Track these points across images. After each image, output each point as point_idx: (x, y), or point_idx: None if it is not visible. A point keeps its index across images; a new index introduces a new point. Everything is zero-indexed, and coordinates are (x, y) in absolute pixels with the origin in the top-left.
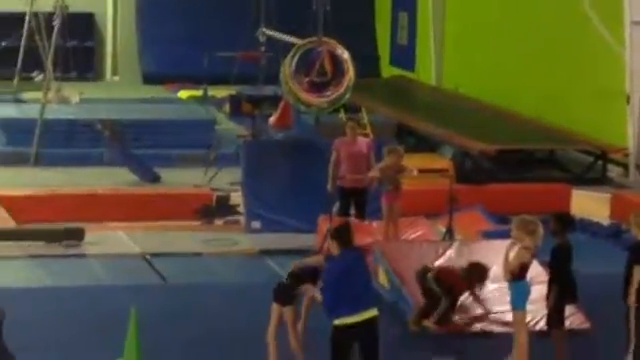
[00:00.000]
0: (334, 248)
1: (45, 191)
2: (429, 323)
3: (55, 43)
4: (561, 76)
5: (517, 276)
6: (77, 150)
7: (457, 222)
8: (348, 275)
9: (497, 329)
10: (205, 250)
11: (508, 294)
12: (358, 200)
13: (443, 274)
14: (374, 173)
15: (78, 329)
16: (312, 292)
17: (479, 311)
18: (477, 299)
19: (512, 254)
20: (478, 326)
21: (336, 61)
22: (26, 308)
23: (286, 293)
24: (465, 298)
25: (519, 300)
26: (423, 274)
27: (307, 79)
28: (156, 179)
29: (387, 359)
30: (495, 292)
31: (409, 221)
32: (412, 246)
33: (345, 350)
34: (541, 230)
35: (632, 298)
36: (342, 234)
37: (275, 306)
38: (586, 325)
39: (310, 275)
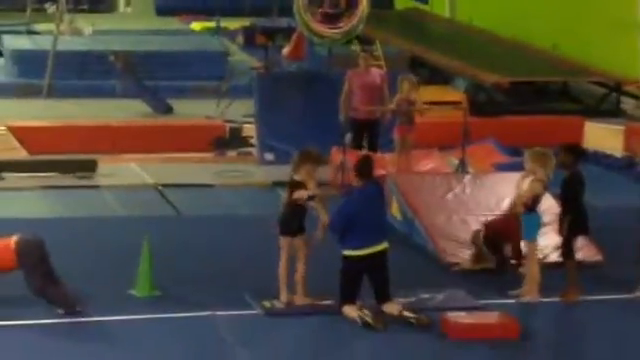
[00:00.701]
0: (356, 180)
1: (58, 123)
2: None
3: None
4: (576, 7)
5: (529, 208)
6: (90, 82)
7: (470, 154)
8: (367, 206)
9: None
10: (218, 182)
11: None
12: (371, 132)
13: (487, 229)
14: (391, 106)
15: (91, 260)
16: (322, 218)
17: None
18: (517, 250)
19: (524, 186)
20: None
21: None
22: None
23: (290, 224)
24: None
25: (531, 232)
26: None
27: (320, 10)
28: (169, 111)
29: (397, 291)
30: None
31: (422, 153)
32: (425, 178)
33: (355, 280)
34: (553, 162)
35: None
36: (363, 167)
37: (284, 240)
38: (598, 257)
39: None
